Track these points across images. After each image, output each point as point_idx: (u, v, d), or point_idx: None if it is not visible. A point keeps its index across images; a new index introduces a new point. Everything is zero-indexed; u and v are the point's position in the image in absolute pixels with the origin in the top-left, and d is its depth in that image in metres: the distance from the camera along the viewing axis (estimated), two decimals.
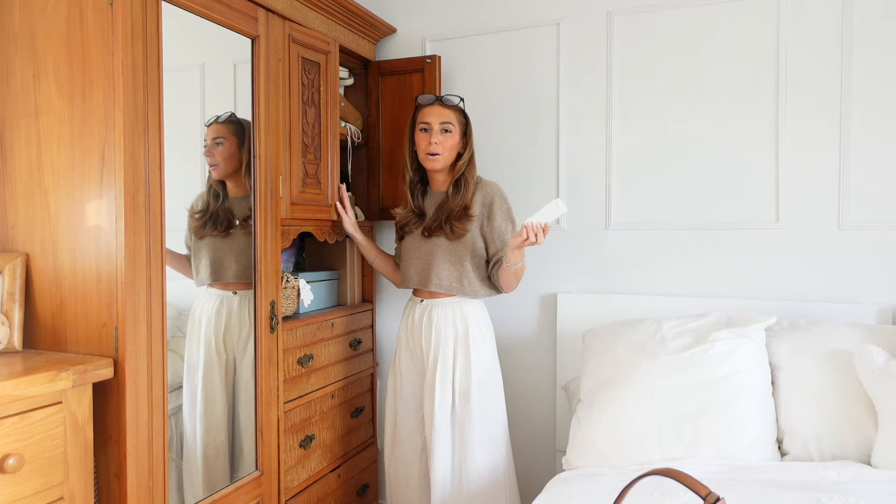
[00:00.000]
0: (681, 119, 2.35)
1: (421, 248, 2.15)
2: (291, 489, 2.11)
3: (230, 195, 1.94)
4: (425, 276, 2.13)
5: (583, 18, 2.48)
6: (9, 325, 1.53)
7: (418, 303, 2.17)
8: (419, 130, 2.13)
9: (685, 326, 2.04)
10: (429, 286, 2.12)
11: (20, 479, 1.30)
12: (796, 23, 2.20)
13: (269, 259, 2.00)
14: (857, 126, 2.13)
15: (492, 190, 2.13)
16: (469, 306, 2.13)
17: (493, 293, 2.17)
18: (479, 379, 2.07)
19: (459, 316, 2.10)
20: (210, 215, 1.87)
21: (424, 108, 2.13)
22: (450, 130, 2.10)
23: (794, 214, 2.22)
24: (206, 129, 1.88)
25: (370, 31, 2.60)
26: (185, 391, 1.82)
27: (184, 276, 1.80)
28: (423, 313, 2.14)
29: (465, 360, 2.07)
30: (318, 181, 2.24)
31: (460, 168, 2.11)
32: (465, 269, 2.09)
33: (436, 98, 2.14)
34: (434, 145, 2.08)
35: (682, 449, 1.81)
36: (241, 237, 1.95)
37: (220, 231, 1.90)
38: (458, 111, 2.14)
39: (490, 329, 2.18)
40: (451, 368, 2.07)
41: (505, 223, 2.11)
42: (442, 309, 2.11)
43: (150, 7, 1.57)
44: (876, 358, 1.77)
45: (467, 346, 2.08)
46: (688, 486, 0.95)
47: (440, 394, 2.06)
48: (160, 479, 1.59)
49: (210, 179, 1.91)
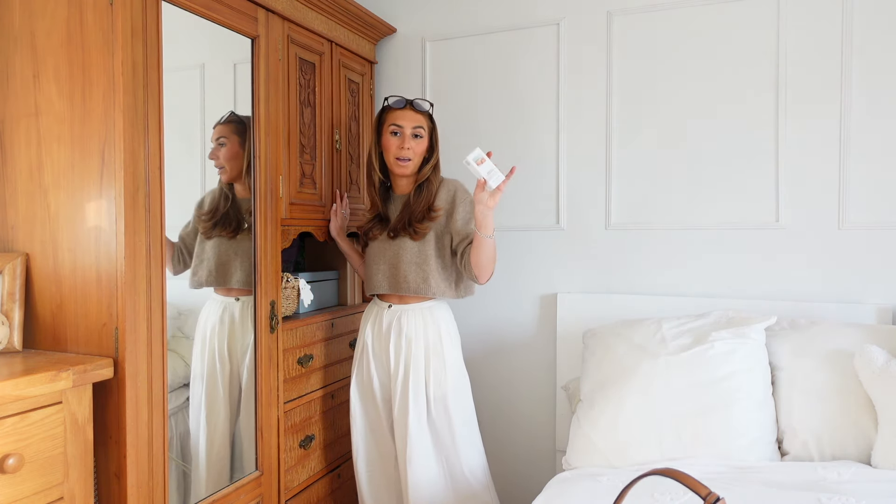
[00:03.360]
0: (681, 118, 2.35)
1: (387, 251, 2.10)
2: (291, 489, 2.11)
3: (238, 196, 1.94)
4: (393, 279, 2.08)
5: (583, 18, 2.48)
6: (9, 325, 1.53)
7: (385, 308, 2.11)
8: (388, 133, 2.08)
9: (685, 326, 2.04)
10: (398, 290, 2.07)
11: (20, 479, 1.30)
12: (796, 23, 2.20)
13: (269, 259, 2.00)
14: (857, 126, 2.13)
15: (453, 185, 2.11)
16: (439, 312, 2.09)
17: (460, 294, 2.12)
18: (453, 384, 2.05)
19: (430, 322, 2.06)
20: (221, 216, 1.87)
21: (395, 111, 2.09)
22: (420, 136, 2.08)
23: (794, 214, 2.22)
24: (211, 131, 1.88)
25: (370, 31, 2.60)
26: (191, 400, 1.82)
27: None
28: (391, 319, 2.09)
29: (440, 366, 2.04)
30: (313, 181, 2.25)
31: (426, 173, 2.09)
32: (430, 268, 2.04)
33: (406, 102, 2.10)
34: (406, 150, 2.05)
35: (682, 449, 1.81)
36: (246, 241, 1.95)
37: (228, 232, 1.90)
38: (427, 116, 2.12)
39: (457, 333, 2.15)
40: (424, 376, 2.03)
41: (467, 214, 2.05)
42: (412, 315, 2.06)
43: (150, 7, 1.57)
44: (876, 358, 1.77)
45: (441, 353, 2.05)
46: (688, 486, 0.95)
47: (414, 402, 2.01)
48: (160, 479, 1.59)
49: (219, 182, 1.90)
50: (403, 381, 2.04)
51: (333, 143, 2.37)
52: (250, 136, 1.95)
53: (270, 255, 2.00)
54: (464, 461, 2.04)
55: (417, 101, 2.11)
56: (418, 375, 2.03)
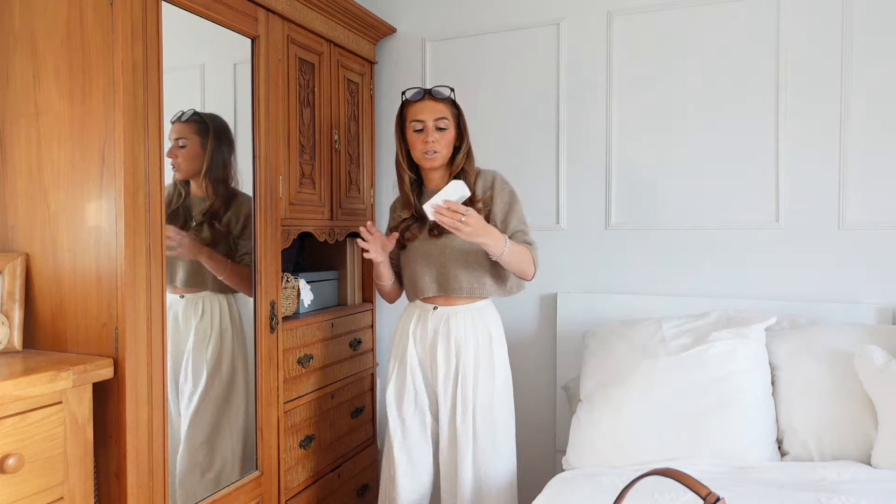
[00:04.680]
0: (681, 118, 2.35)
1: (432, 251, 1.95)
2: (291, 489, 2.11)
3: (192, 194, 1.87)
4: (443, 280, 1.94)
5: (583, 18, 2.48)
6: (9, 325, 1.53)
7: (431, 311, 1.97)
8: (411, 130, 1.94)
9: (685, 326, 2.04)
10: (448, 291, 1.93)
11: (20, 479, 1.30)
12: (796, 23, 2.20)
13: (269, 259, 2.00)
14: (856, 126, 2.13)
15: (491, 175, 2.00)
16: (488, 314, 1.98)
17: (511, 291, 2.01)
18: (500, 391, 1.95)
19: (480, 325, 1.95)
20: (170, 213, 1.77)
21: (414, 104, 1.95)
22: (445, 127, 1.93)
23: (794, 214, 2.22)
24: (170, 126, 1.76)
25: (370, 31, 2.60)
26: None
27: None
28: (438, 323, 1.94)
29: (489, 372, 1.93)
30: (313, 181, 2.25)
31: (459, 162, 1.96)
32: (482, 266, 1.93)
33: (425, 92, 1.95)
34: (432, 144, 1.91)
35: (682, 449, 1.81)
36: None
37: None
38: (450, 103, 1.96)
39: (504, 335, 2.03)
40: (472, 382, 1.91)
41: (505, 206, 1.97)
42: (461, 318, 1.93)
43: (150, 7, 1.57)
44: (876, 358, 1.77)
45: (491, 357, 1.94)
46: (688, 486, 0.95)
47: (462, 409, 1.91)
48: (160, 479, 1.59)
49: (174, 177, 1.81)
50: (454, 388, 1.92)
51: (333, 143, 2.37)
52: (255, 137, 1.94)
53: (270, 255, 2.00)
54: (496, 466, 1.92)
55: (436, 90, 1.95)
56: (466, 382, 1.91)
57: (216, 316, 1.93)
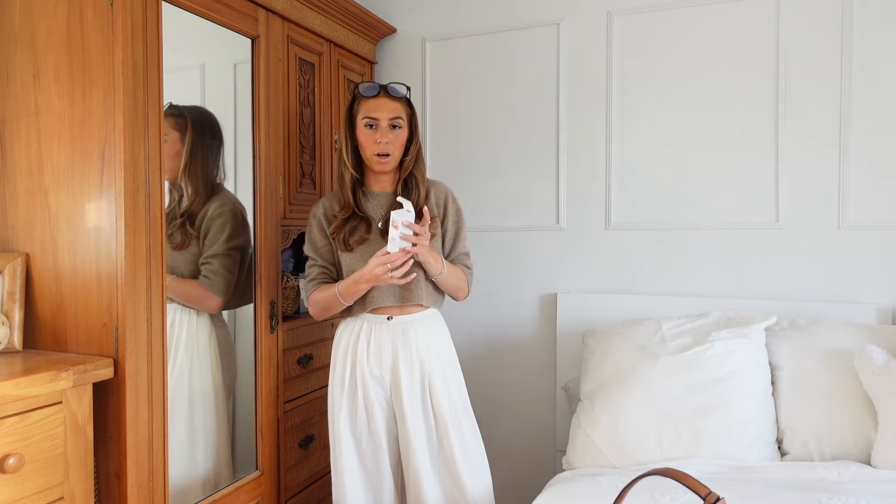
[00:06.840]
0: (681, 118, 2.35)
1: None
2: (291, 489, 2.11)
3: (175, 195, 1.80)
4: (404, 288, 1.81)
5: (583, 18, 2.48)
6: (9, 325, 1.53)
7: (384, 321, 1.82)
8: (362, 126, 1.81)
9: (685, 326, 2.04)
10: (410, 299, 1.81)
11: (20, 479, 1.30)
12: (796, 23, 2.20)
13: (269, 259, 2.00)
14: (856, 126, 2.13)
15: (444, 189, 1.93)
16: (440, 320, 1.91)
17: (443, 301, 1.94)
18: (463, 399, 1.88)
19: (439, 333, 1.88)
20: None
21: (368, 100, 1.82)
22: (399, 126, 1.81)
23: (794, 214, 2.22)
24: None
25: (370, 31, 2.60)
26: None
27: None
28: (395, 334, 1.82)
29: (455, 379, 1.87)
30: (313, 181, 2.25)
31: (408, 165, 1.85)
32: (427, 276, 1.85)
33: (380, 88, 1.82)
34: (385, 145, 1.79)
35: (682, 449, 1.81)
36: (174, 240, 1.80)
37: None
38: (405, 102, 1.85)
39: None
40: (441, 392, 1.81)
41: (454, 226, 1.92)
42: (419, 327, 1.83)
43: (150, 7, 1.57)
44: (876, 358, 1.78)
45: (454, 365, 1.89)
46: (688, 486, 0.95)
47: (425, 422, 1.81)
48: (160, 479, 1.59)
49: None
50: (420, 400, 1.81)
51: (333, 143, 2.37)
52: (255, 137, 1.94)
53: (270, 255, 2.01)
54: (476, 477, 1.84)
55: (392, 87, 1.83)
56: (436, 391, 1.81)
57: (183, 330, 1.83)
